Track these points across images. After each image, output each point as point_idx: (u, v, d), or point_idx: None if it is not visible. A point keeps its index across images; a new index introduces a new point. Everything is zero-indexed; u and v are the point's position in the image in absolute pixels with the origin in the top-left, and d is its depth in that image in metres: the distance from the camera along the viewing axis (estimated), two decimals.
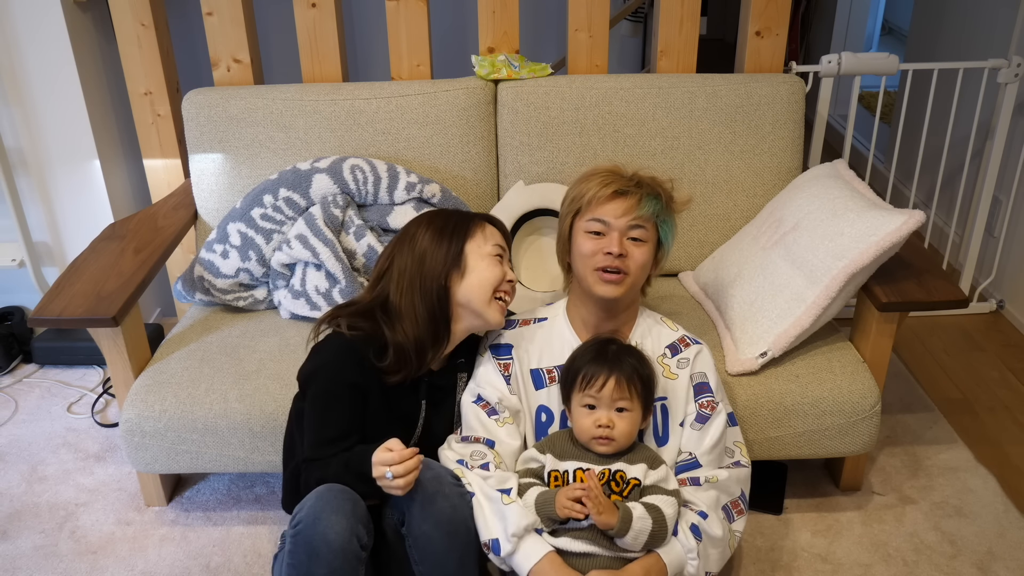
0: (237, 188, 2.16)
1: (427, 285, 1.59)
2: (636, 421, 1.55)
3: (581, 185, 1.65)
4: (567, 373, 1.60)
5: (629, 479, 1.53)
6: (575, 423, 1.57)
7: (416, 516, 1.45)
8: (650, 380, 1.58)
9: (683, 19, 2.25)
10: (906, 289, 1.83)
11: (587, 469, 1.54)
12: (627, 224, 1.59)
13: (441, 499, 1.46)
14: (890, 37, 5.40)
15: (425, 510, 1.45)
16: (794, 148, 2.20)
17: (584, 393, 1.54)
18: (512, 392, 1.66)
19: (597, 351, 1.57)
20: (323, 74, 2.29)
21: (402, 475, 1.39)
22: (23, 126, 2.39)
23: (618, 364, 1.54)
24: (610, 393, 1.52)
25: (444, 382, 1.69)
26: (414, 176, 2.06)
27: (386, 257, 1.66)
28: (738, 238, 2.13)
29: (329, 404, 1.53)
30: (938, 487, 2.06)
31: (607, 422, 1.52)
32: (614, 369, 1.53)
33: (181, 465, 1.86)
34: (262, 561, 1.87)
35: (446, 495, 1.47)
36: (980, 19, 2.92)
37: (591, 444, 1.55)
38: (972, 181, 2.85)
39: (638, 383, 1.54)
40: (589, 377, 1.54)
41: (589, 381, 1.54)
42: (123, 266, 1.94)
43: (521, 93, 2.16)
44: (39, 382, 2.52)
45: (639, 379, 1.54)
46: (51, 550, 1.91)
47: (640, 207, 1.59)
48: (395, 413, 1.61)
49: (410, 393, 1.63)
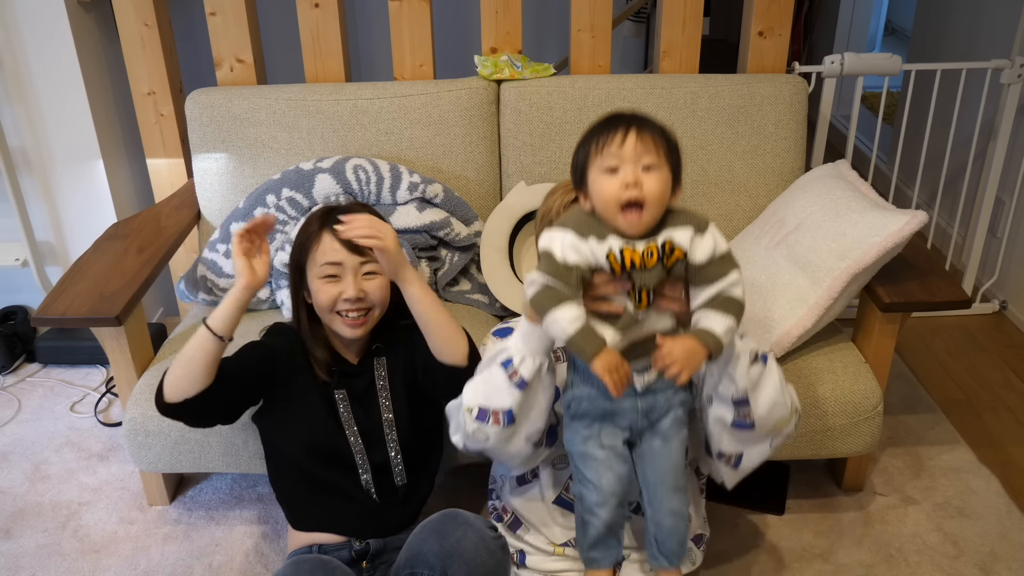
0: (240, 188, 2.16)
1: (294, 301, 1.67)
2: (666, 182, 1.29)
3: (547, 200, 1.57)
4: (581, 147, 1.34)
5: (672, 245, 1.31)
6: (598, 194, 1.30)
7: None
8: (675, 144, 1.33)
9: (686, 19, 2.25)
10: (909, 290, 1.83)
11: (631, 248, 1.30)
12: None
13: (486, 554, 1.43)
14: (893, 37, 5.39)
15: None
16: (797, 148, 2.20)
17: (603, 155, 1.29)
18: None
19: (610, 117, 1.33)
20: (326, 74, 2.29)
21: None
22: (27, 126, 2.40)
23: (636, 121, 1.31)
24: (633, 147, 1.28)
25: (357, 369, 1.68)
26: (417, 176, 2.06)
27: None
28: (740, 238, 2.13)
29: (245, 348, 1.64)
30: (940, 488, 2.05)
31: (634, 179, 1.27)
32: (633, 124, 1.30)
33: (184, 464, 1.86)
34: (264, 561, 1.87)
35: (491, 551, 1.44)
36: (983, 19, 2.91)
37: (618, 218, 1.29)
38: (975, 182, 2.85)
39: (662, 140, 1.30)
40: (607, 137, 1.30)
41: (607, 141, 1.29)
42: (126, 266, 1.94)
43: (524, 93, 2.16)
44: (42, 381, 2.53)
45: (663, 137, 1.31)
46: (54, 549, 1.91)
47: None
48: (309, 398, 1.63)
49: (324, 384, 1.65)
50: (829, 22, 4.35)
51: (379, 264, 1.58)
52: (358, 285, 1.58)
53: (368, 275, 1.60)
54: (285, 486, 1.68)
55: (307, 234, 1.61)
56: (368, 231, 1.49)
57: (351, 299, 1.57)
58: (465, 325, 2.00)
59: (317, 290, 1.59)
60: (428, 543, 1.43)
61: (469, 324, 2.03)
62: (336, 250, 1.57)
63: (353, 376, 1.67)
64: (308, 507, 1.64)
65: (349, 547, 1.60)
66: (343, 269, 1.58)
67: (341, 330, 1.61)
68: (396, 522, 1.64)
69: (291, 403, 1.64)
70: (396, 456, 1.64)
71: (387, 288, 1.63)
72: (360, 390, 1.67)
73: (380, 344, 1.70)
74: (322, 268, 1.58)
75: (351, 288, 1.57)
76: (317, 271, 1.58)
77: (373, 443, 1.64)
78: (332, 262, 1.57)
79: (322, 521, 1.63)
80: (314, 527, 1.63)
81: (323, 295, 1.58)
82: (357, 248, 1.56)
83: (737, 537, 1.92)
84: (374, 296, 1.60)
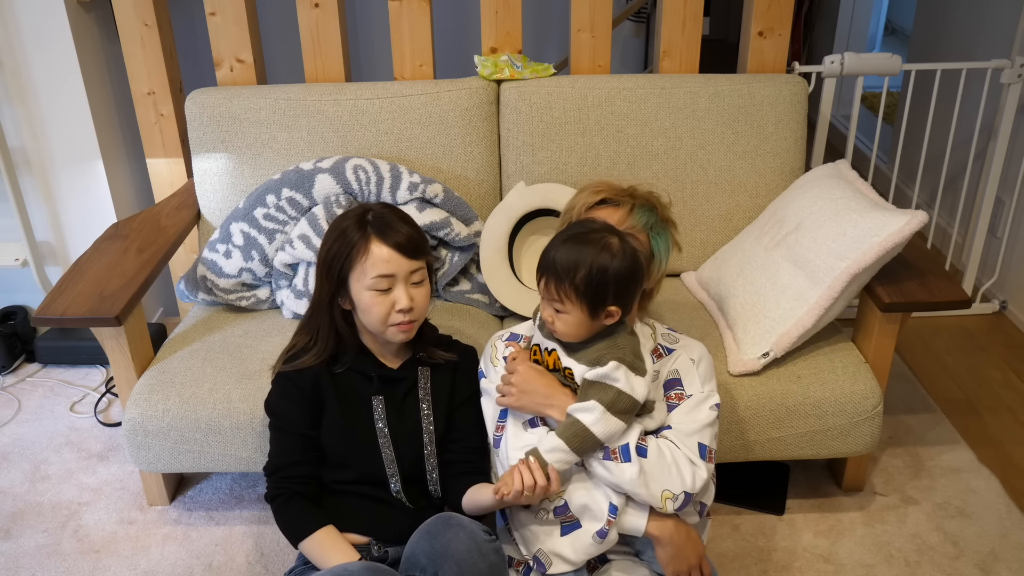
0: (240, 188, 2.16)
1: (317, 309, 1.63)
2: (576, 321, 1.44)
3: (573, 198, 1.64)
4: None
5: (563, 367, 1.50)
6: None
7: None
8: (592, 282, 1.41)
9: (686, 19, 2.25)
10: (909, 290, 1.83)
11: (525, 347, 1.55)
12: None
13: (478, 556, 1.41)
14: (893, 37, 5.39)
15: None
16: (797, 148, 2.20)
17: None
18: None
19: (566, 239, 1.46)
20: (326, 74, 2.29)
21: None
22: (27, 126, 2.40)
23: (555, 265, 1.43)
24: (544, 292, 1.46)
25: (399, 375, 1.66)
26: (417, 176, 2.06)
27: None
28: (740, 238, 2.13)
29: (277, 436, 1.63)
30: (940, 488, 2.05)
31: (548, 318, 1.47)
32: (549, 269, 1.44)
33: (184, 464, 1.86)
34: (264, 561, 1.87)
35: (483, 554, 1.42)
36: (983, 19, 2.91)
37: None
38: (975, 182, 2.85)
39: (569, 288, 1.42)
40: (538, 267, 1.47)
41: (538, 271, 1.48)
42: (126, 266, 1.94)
43: (524, 93, 2.16)
44: (42, 381, 2.53)
45: (571, 285, 1.42)
46: (54, 549, 1.91)
47: (631, 217, 1.56)
48: (348, 410, 1.61)
49: (362, 390, 1.63)
50: (829, 22, 4.35)
51: (424, 270, 1.59)
52: (410, 294, 1.56)
53: (416, 284, 1.58)
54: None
55: (349, 244, 1.55)
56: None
57: (405, 309, 1.55)
58: (465, 325, 2.02)
59: (369, 303, 1.55)
60: (420, 544, 1.42)
61: (469, 324, 2.03)
62: (388, 261, 1.54)
63: (394, 381, 1.65)
64: (333, 506, 1.61)
65: (368, 551, 1.59)
66: (395, 280, 1.55)
67: (394, 337, 1.59)
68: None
69: (328, 415, 1.63)
70: (432, 464, 1.63)
71: (429, 295, 1.62)
72: (399, 396, 1.65)
73: (424, 354, 1.68)
74: (374, 281, 1.54)
75: (404, 298, 1.55)
76: (367, 283, 1.54)
77: (407, 451, 1.61)
78: (386, 275, 1.54)
79: (345, 522, 1.60)
80: (344, 529, 1.60)
81: (377, 308, 1.55)
82: (409, 251, 1.55)
83: (737, 537, 1.92)
84: (422, 304, 1.59)
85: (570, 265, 1.41)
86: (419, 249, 1.57)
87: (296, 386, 1.62)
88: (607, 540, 1.47)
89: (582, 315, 1.44)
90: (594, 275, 1.41)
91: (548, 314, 1.47)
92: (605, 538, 1.46)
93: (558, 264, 1.42)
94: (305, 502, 1.57)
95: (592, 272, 1.41)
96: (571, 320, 1.45)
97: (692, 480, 1.47)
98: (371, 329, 1.60)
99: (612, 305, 1.44)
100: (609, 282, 1.42)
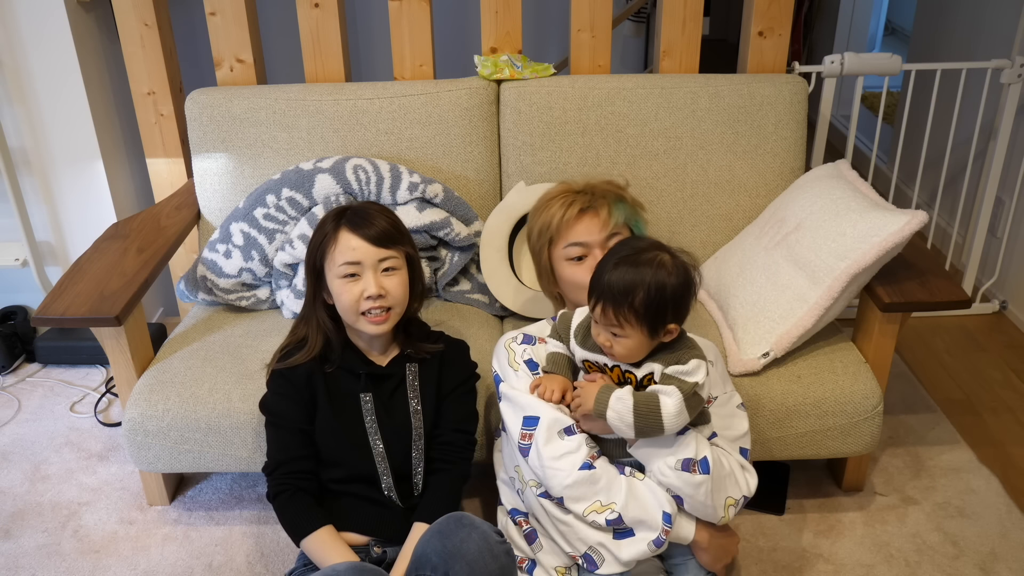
0: (240, 188, 2.16)
1: (307, 305, 1.67)
2: (637, 343, 1.45)
3: (543, 215, 1.65)
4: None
5: (640, 376, 1.48)
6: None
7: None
8: (652, 304, 1.41)
9: (686, 19, 2.25)
10: (909, 290, 1.83)
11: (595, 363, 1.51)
12: (605, 238, 1.60)
13: (489, 558, 1.42)
14: (893, 37, 5.40)
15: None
16: (797, 148, 2.20)
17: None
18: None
19: (617, 261, 1.45)
20: (326, 74, 2.29)
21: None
22: (27, 126, 2.40)
23: (612, 289, 1.42)
24: (600, 318, 1.45)
25: (387, 371, 1.67)
26: (416, 176, 2.06)
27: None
28: (740, 238, 2.13)
29: (275, 434, 1.64)
30: (940, 488, 2.05)
31: (605, 342, 1.46)
32: (605, 295, 1.43)
33: (184, 464, 1.86)
34: (264, 561, 1.87)
35: (495, 555, 1.43)
36: (983, 19, 2.91)
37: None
38: (975, 182, 2.85)
39: (628, 312, 1.41)
40: (590, 293, 1.46)
41: (591, 297, 1.47)
42: (126, 266, 1.94)
43: (524, 93, 2.16)
44: (42, 381, 2.53)
45: (630, 309, 1.41)
46: (54, 549, 1.91)
47: (612, 216, 1.59)
48: (338, 407, 1.62)
49: (350, 387, 1.64)
50: (829, 22, 4.35)
51: (398, 259, 1.60)
52: (378, 282, 1.58)
53: (387, 271, 1.60)
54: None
55: (322, 235, 1.61)
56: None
57: (373, 296, 1.57)
58: (465, 325, 2.02)
59: (339, 291, 1.59)
60: (432, 544, 1.43)
61: (469, 324, 2.03)
62: (354, 248, 1.57)
63: (382, 378, 1.67)
64: (330, 507, 1.62)
65: (367, 552, 1.59)
66: (362, 267, 1.58)
67: (366, 328, 1.61)
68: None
69: (320, 413, 1.64)
70: (418, 461, 1.64)
71: (406, 285, 1.63)
72: (387, 392, 1.66)
73: (412, 350, 1.70)
74: (341, 268, 1.57)
75: (372, 285, 1.57)
76: (336, 271, 1.58)
77: (396, 447, 1.63)
78: (351, 261, 1.57)
79: (343, 523, 1.61)
80: (342, 529, 1.61)
81: (346, 295, 1.58)
82: (376, 240, 1.57)
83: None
84: (395, 293, 1.60)
85: (627, 288, 1.41)
86: (389, 239, 1.59)
87: (290, 383, 1.64)
88: (661, 548, 1.49)
89: (642, 336, 1.44)
90: (652, 296, 1.41)
91: (605, 339, 1.46)
92: (661, 546, 1.48)
93: (615, 288, 1.41)
94: (308, 499, 1.58)
95: (651, 293, 1.41)
96: (630, 343, 1.45)
97: (747, 485, 1.54)
98: (345, 319, 1.63)
99: (672, 323, 1.45)
100: (667, 301, 1.42)
